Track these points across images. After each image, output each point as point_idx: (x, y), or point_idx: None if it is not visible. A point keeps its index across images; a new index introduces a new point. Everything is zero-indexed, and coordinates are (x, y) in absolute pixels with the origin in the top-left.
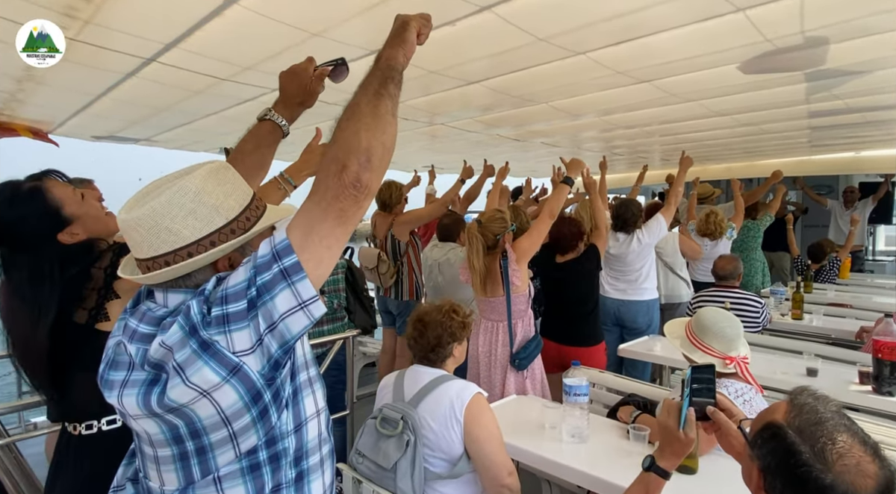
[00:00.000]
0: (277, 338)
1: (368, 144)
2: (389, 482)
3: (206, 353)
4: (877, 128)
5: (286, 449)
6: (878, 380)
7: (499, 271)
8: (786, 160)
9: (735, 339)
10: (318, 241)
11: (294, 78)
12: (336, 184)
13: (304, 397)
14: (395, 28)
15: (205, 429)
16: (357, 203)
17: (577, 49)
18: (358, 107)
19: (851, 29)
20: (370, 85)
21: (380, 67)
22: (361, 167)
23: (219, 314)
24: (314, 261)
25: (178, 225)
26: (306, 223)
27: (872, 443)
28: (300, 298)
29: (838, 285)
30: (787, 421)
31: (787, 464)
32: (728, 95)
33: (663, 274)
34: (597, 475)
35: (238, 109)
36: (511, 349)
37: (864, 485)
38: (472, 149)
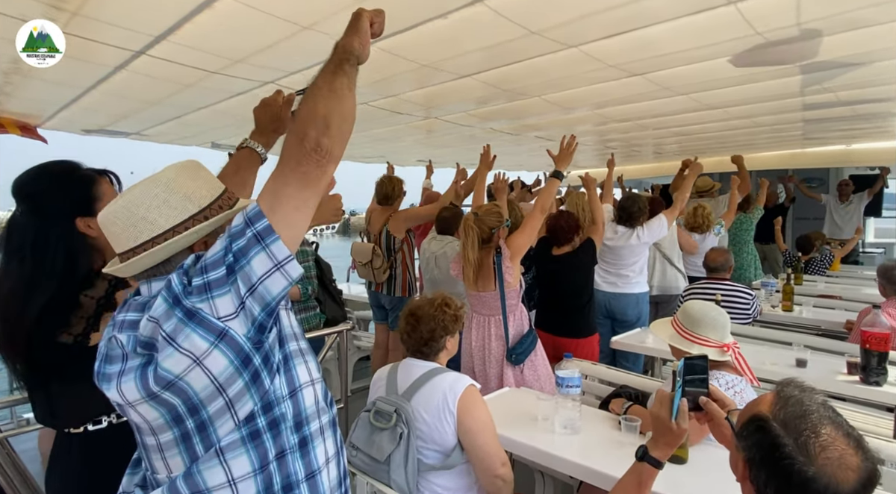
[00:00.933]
0: (259, 301)
1: (325, 112)
2: (383, 474)
3: (192, 321)
4: (868, 120)
5: (284, 415)
6: (866, 371)
7: (492, 266)
8: (779, 153)
9: (727, 326)
10: (286, 203)
11: (265, 109)
12: (298, 150)
13: (297, 364)
14: (351, 20)
15: (202, 402)
16: (320, 166)
17: (570, 42)
18: (315, 86)
19: (844, 21)
20: (327, 67)
21: (336, 52)
22: (320, 132)
23: (200, 283)
24: (284, 223)
25: (153, 213)
26: (273, 189)
27: (856, 436)
28: (275, 259)
29: (828, 277)
30: (772, 414)
31: (771, 457)
32: (720, 88)
33: (660, 266)
34: (588, 465)
35: (229, 103)
36: (507, 343)
37: (847, 478)
38: (466, 143)
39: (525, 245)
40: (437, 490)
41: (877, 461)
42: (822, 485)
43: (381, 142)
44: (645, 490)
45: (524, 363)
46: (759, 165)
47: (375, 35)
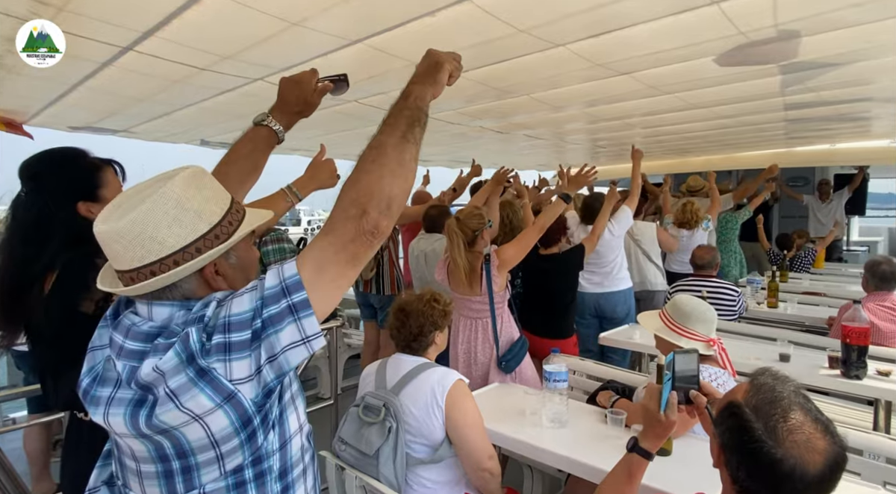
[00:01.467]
0: (275, 369)
1: (391, 192)
2: (372, 468)
3: (203, 380)
4: (850, 120)
5: (271, 467)
6: (846, 364)
7: (479, 271)
8: (763, 152)
9: (714, 321)
10: (330, 281)
11: (295, 87)
12: (354, 227)
13: (289, 415)
14: (428, 65)
15: (192, 450)
16: (371, 247)
17: (557, 41)
18: (384, 150)
19: (823, 22)
20: (397, 125)
21: (409, 106)
22: (381, 214)
23: (220, 342)
24: (323, 300)
25: (163, 233)
26: (319, 261)
27: (825, 421)
28: (304, 333)
29: (813, 274)
30: (745, 400)
31: (741, 440)
32: (705, 88)
33: (639, 263)
34: (576, 458)
35: (218, 100)
36: (497, 349)
37: (813, 460)
38: (455, 141)
39: (515, 258)
40: (425, 483)
41: (844, 446)
42: (789, 467)
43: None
44: (634, 480)
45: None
46: (745, 164)
47: (449, 86)
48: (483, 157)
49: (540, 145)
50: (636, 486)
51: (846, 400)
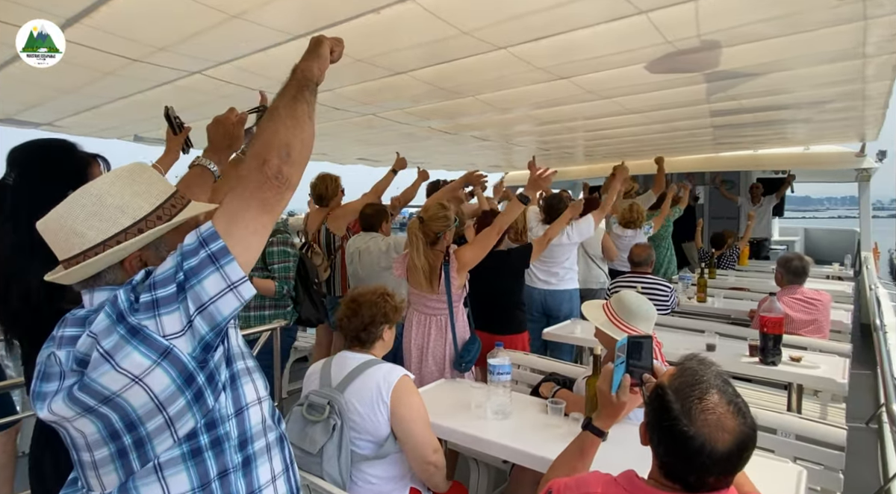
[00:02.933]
0: (208, 320)
1: (287, 140)
2: (316, 467)
3: (135, 338)
4: (769, 127)
5: (228, 434)
6: (764, 352)
7: (439, 270)
8: (694, 157)
9: (654, 319)
10: (244, 227)
11: (218, 127)
12: (258, 176)
13: (244, 383)
14: (310, 45)
15: (140, 419)
16: (279, 193)
17: (499, 43)
18: (277, 111)
19: (739, 34)
20: (287, 92)
21: (296, 77)
22: (282, 160)
23: (147, 299)
24: (241, 246)
25: (82, 226)
26: (231, 212)
27: (739, 403)
28: (229, 280)
29: (738, 271)
30: (669, 383)
31: (660, 419)
32: (639, 93)
33: (584, 263)
34: (518, 447)
35: (152, 93)
36: (455, 348)
37: (722, 439)
38: (405, 141)
39: (474, 260)
40: (370, 479)
41: (754, 427)
42: (699, 443)
43: (320, 139)
44: (586, 457)
45: None
46: (677, 168)
47: (333, 62)
48: (433, 158)
49: (488, 147)
50: (588, 463)
51: (765, 385)
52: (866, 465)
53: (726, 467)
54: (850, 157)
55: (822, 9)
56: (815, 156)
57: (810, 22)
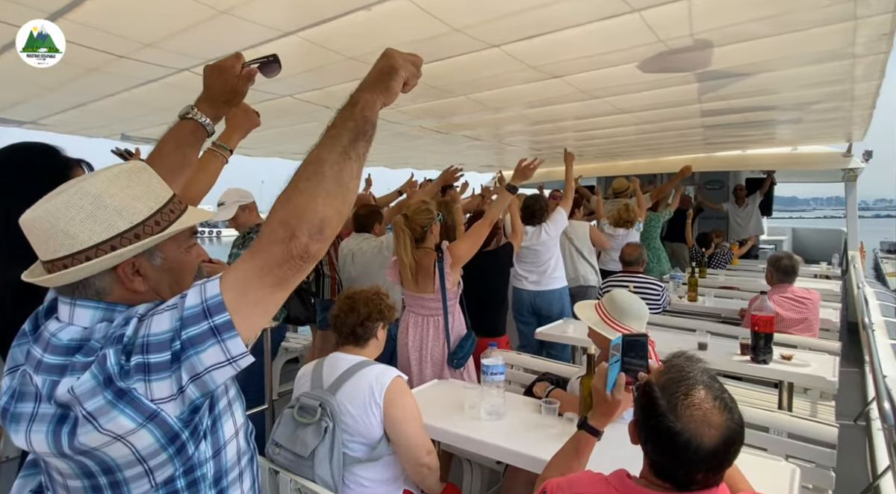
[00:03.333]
0: (200, 387)
1: (325, 215)
2: (307, 470)
3: (122, 401)
4: (758, 128)
5: (205, 475)
6: (755, 350)
7: (431, 268)
8: (684, 157)
9: (646, 317)
10: (254, 305)
11: (219, 74)
12: (282, 251)
13: (224, 423)
14: (380, 70)
15: (118, 467)
16: (301, 271)
17: (492, 42)
18: (321, 167)
19: (731, 34)
20: (339, 138)
21: (354, 116)
22: (312, 238)
23: (139, 362)
24: (248, 323)
25: (75, 228)
26: (243, 284)
27: (726, 399)
28: (229, 354)
29: (728, 270)
30: (657, 380)
31: (647, 416)
32: (630, 93)
33: (571, 259)
34: (511, 447)
35: (139, 91)
36: (448, 347)
37: (708, 434)
38: (397, 140)
39: (468, 254)
40: (362, 482)
41: (740, 423)
42: (685, 439)
43: (311, 138)
44: (582, 456)
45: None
46: (667, 168)
47: (404, 93)
48: (424, 158)
49: (480, 146)
50: (584, 461)
51: (756, 383)
52: (855, 462)
53: (713, 463)
54: (838, 158)
55: (813, 8)
56: (803, 156)
57: (801, 21)
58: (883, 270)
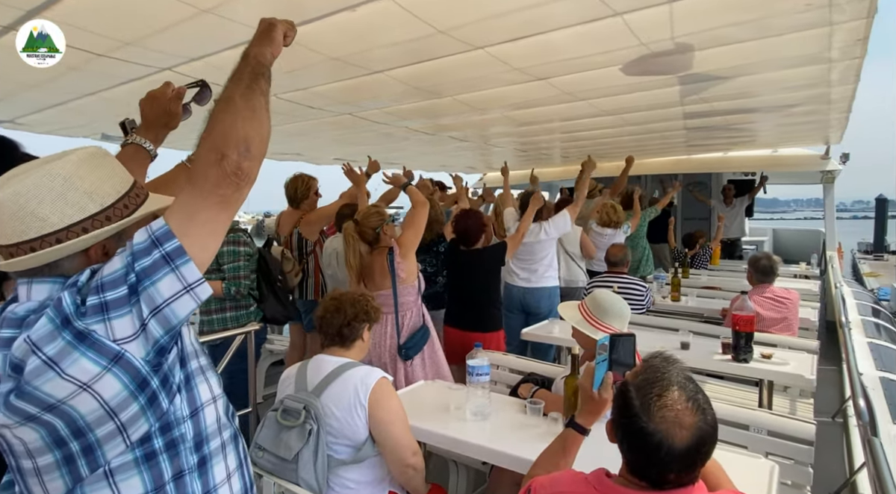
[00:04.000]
0: (162, 322)
1: (246, 134)
2: (291, 473)
3: (83, 344)
4: (739, 130)
5: (183, 435)
6: (736, 349)
7: (386, 265)
8: (667, 158)
9: (628, 317)
10: (201, 226)
11: (153, 102)
12: (216, 172)
13: (198, 383)
14: (262, 28)
15: (88, 426)
16: (238, 189)
17: (477, 43)
18: (232, 100)
19: (712, 37)
20: (241, 78)
21: (249, 63)
22: (241, 155)
23: (95, 302)
24: (198, 246)
25: (46, 210)
26: (187, 209)
27: (700, 400)
28: (185, 281)
29: (711, 270)
30: (631, 380)
31: (622, 415)
32: (614, 95)
33: (565, 261)
34: (496, 448)
35: (120, 90)
36: (398, 340)
37: (680, 436)
38: (383, 141)
39: (413, 240)
40: (347, 484)
41: (713, 424)
42: (657, 440)
43: (296, 138)
44: (569, 453)
45: (415, 359)
46: (651, 170)
47: (286, 46)
48: (412, 159)
49: (466, 148)
50: (571, 459)
51: (738, 382)
52: (833, 458)
53: (685, 463)
54: (816, 160)
55: (789, 13)
56: (783, 158)
57: (779, 26)
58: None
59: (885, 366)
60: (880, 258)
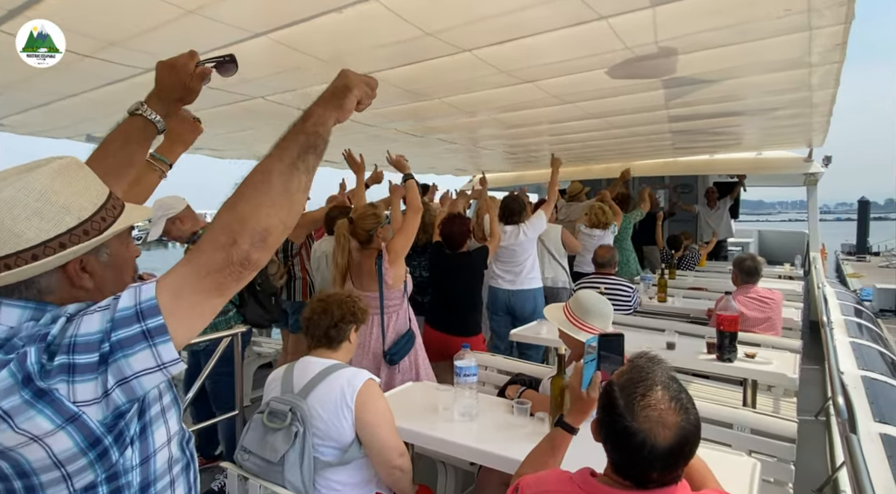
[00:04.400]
0: (127, 392)
1: (268, 224)
2: (277, 475)
3: (41, 401)
4: (723, 134)
5: (129, 483)
6: (721, 349)
7: (374, 268)
8: (654, 161)
9: (610, 316)
10: (190, 309)
11: (172, 72)
12: (222, 257)
13: (155, 430)
14: (335, 87)
15: (34, 471)
16: (240, 280)
17: (464, 46)
18: (269, 176)
19: (695, 42)
20: (289, 150)
21: (306, 130)
22: (254, 247)
23: (63, 362)
24: (183, 327)
25: (21, 226)
26: (180, 287)
27: (683, 400)
28: (160, 360)
29: (697, 272)
30: (616, 379)
31: (606, 415)
32: (600, 98)
33: (548, 262)
34: (483, 448)
35: (105, 91)
36: (383, 344)
37: (663, 435)
38: (371, 142)
39: (403, 246)
40: (334, 486)
41: (696, 424)
42: (641, 439)
43: None
44: (557, 452)
45: (399, 364)
46: (637, 172)
47: (358, 111)
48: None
49: (455, 150)
50: (559, 458)
51: (723, 381)
52: (816, 456)
53: (668, 463)
54: (799, 162)
55: (769, 19)
56: (767, 161)
57: (760, 30)
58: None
59: (867, 365)
60: (863, 259)
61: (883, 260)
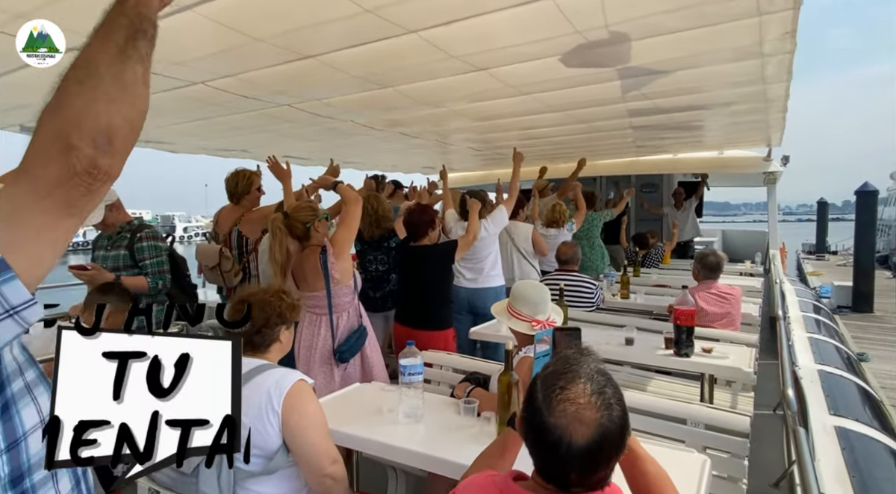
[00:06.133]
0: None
1: (110, 122)
2: (191, 488)
3: None
4: (685, 130)
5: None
6: (678, 344)
7: (318, 265)
8: (618, 160)
9: (539, 303)
10: (36, 235)
11: None
12: (60, 167)
13: (22, 408)
14: None
15: None
16: (89, 192)
17: (409, 26)
18: (95, 69)
19: (646, 26)
20: (112, 36)
21: (126, 12)
22: (99, 150)
23: None
24: (29, 260)
25: None
26: (14, 211)
27: (608, 395)
28: (8, 303)
29: (662, 269)
30: (541, 372)
31: (526, 410)
32: (557, 89)
33: (517, 260)
34: (427, 452)
35: (22, 74)
36: (333, 343)
37: (581, 432)
38: (331, 136)
39: (347, 239)
40: None
41: (620, 422)
42: (557, 436)
43: (235, 132)
44: (507, 454)
45: (349, 362)
46: (603, 171)
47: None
48: (364, 157)
49: (421, 146)
50: (509, 461)
51: (682, 377)
52: (773, 450)
53: (587, 463)
54: (758, 161)
55: (720, 1)
56: (728, 160)
57: (710, 14)
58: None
59: (824, 360)
60: (822, 258)
61: (840, 259)
